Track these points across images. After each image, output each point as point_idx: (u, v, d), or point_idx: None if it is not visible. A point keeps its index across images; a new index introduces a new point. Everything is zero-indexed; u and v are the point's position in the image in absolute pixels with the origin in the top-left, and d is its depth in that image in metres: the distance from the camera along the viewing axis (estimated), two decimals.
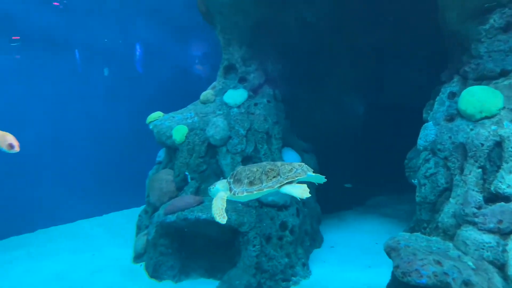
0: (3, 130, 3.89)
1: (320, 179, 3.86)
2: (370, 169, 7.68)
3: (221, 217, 3.59)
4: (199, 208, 5.12)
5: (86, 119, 8.04)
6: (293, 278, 5.18)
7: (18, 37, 7.35)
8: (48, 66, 7.64)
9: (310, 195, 3.35)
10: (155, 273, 5.37)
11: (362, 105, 7.51)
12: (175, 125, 5.84)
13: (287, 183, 3.45)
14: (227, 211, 4.91)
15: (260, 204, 5.35)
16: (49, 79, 7.65)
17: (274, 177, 3.50)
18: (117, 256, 6.09)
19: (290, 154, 6.04)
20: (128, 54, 8.95)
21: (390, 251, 3.78)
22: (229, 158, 5.61)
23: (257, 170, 3.62)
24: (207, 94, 6.23)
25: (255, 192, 3.52)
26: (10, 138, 3.86)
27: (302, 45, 6.34)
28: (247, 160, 5.64)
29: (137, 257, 5.82)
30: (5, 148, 3.86)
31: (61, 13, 7.97)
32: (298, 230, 5.39)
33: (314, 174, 3.58)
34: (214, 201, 3.65)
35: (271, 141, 5.88)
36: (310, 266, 5.47)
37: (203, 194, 5.50)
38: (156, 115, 6.22)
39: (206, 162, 5.74)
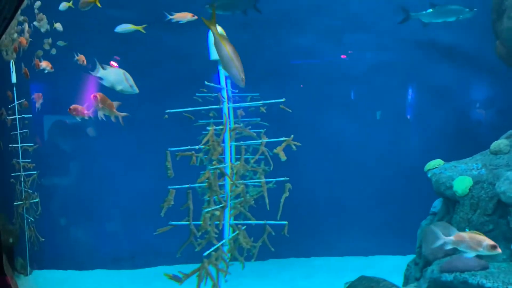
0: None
1: None
2: None
3: None
4: (483, 274, 4.55)
5: (363, 163, 8.44)
6: None
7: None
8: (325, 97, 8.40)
9: None
10: None
11: None
12: (457, 175, 5.45)
13: None
14: None
15: None
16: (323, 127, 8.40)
17: None
18: None
19: None
20: (404, 96, 8.96)
21: None
22: None
23: None
24: (499, 143, 5.56)
25: None
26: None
27: None
28: None
29: None
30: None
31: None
32: None
33: None
34: None
35: None
36: None
37: (487, 259, 4.82)
38: (435, 163, 5.97)
39: (493, 221, 5.09)
